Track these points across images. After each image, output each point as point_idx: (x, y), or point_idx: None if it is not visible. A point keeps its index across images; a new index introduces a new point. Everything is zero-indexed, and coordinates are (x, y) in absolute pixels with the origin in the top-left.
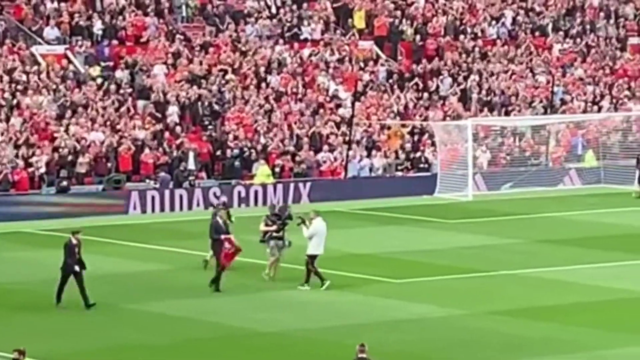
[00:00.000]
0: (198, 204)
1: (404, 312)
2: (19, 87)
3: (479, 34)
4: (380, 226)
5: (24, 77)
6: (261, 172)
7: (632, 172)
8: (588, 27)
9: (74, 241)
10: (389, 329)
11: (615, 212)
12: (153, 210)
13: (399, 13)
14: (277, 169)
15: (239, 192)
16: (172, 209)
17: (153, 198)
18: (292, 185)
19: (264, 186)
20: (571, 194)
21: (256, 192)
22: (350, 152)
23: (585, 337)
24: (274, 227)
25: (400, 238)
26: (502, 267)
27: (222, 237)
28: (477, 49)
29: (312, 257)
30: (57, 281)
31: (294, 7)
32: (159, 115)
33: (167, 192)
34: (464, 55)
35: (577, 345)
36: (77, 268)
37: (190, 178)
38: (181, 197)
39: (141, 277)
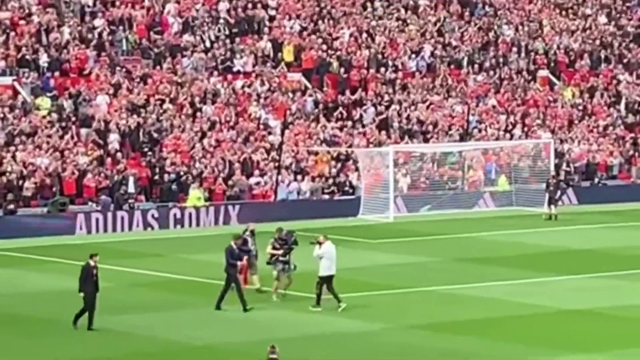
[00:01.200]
0: (137, 225)
1: (329, 326)
2: None
3: (400, 67)
4: (308, 245)
5: None
6: (192, 196)
7: (541, 195)
8: (501, 60)
9: (92, 263)
10: (313, 342)
11: (526, 233)
12: (97, 231)
13: (325, 47)
14: (210, 193)
15: (175, 214)
16: (114, 229)
17: (97, 220)
18: (222, 208)
19: (197, 209)
20: (486, 215)
21: (190, 214)
22: (280, 177)
23: (501, 350)
24: (280, 252)
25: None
26: (421, 284)
27: (238, 262)
28: (397, 81)
29: (323, 278)
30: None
31: (227, 41)
32: (100, 142)
33: (109, 214)
34: (385, 87)
35: (494, 358)
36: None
37: (130, 201)
38: (122, 218)
39: None
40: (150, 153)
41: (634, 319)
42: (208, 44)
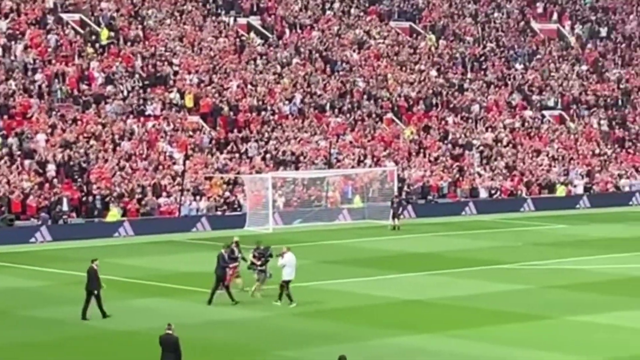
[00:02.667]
0: (72, 237)
1: (222, 314)
2: None
3: (276, 111)
4: (205, 251)
5: None
6: (112, 213)
7: (388, 210)
8: (355, 105)
9: (95, 267)
10: (213, 327)
11: (376, 240)
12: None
13: (217, 95)
14: (127, 210)
15: (99, 227)
16: (56, 239)
17: (41, 232)
18: (137, 222)
19: (119, 223)
20: (344, 227)
21: (112, 229)
22: (182, 197)
23: (359, 332)
24: (259, 263)
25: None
26: (296, 281)
27: (228, 266)
28: (274, 122)
29: (287, 282)
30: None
31: (141, 91)
32: (40, 170)
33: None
34: (265, 126)
35: (350, 337)
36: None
37: (64, 217)
38: (60, 231)
39: (30, 291)
40: (80, 179)
41: (460, 307)
42: (125, 93)
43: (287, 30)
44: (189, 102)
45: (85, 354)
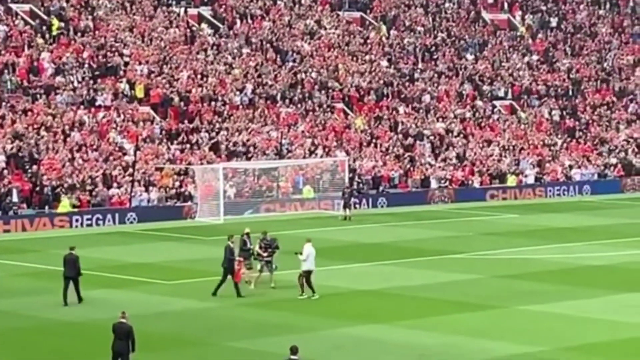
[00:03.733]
0: (22, 228)
1: (173, 305)
2: None
3: (227, 101)
4: (156, 242)
5: None
6: (63, 203)
7: (339, 201)
8: (307, 96)
9: (74, 254)
10: (164, 318)
11: (327, 230)
12: None
13: (168, 86)
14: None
15: (51, 219)
16: (6, 231)
17: None
18: (88, 214)
19: (70, 215)
20: (295, 217)
21: (62, 220)
22: (133, 188)
23: (308, 322)
24: (266, 254)
25: (170, 250)
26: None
27: (235, 259)
28: (225, 112)
29: (307, 272)
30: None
31: (91, 82)
32: None
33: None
34: (216, 117)
35: (301, 328)
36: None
37: (14, 208)
38: (10, 222)
39: None
40: (30, 170)
41: (411, 297)
42: (76, 84)
43: (238, 21)
44: (139, 92)
45: (34, 345)
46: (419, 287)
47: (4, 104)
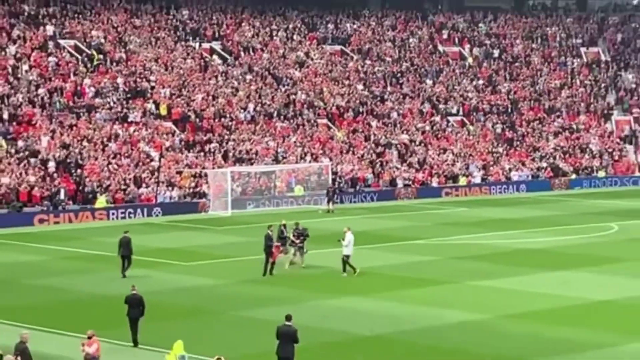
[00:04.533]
0: (69, 220)
1: (189, 282)
2: None
3: (234, 118)
4: (177, 231)
5: None
6: (100, 200)
7: (324, 197)
8: (298, 113)
9: (128, 236)
10: (177, 292)
11: (314, 221)
12: (41, 223)
13: (186, 106)
14: (114, 199)
15: (92, 213)
16: (56, 222)
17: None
18: (122, 209)
19: (107, 209)
20: (289, 210)
21: (101, 214)
22: (158, 188)
23: (299, 295)
24: (298, 241)
25: (188, 238)
26: (249, 254)
27: (273, 244)
28: (233, 126)
29: (347, 256)
30: None
31: (124, 102)
32: (43, 167)
33: (51, 214)
34: (225, 130)
35: (294, 300)
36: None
37: (63, 204)
38: (59, 215)
39: (33, 264)
40: (75, 174)
41: (383, 274)
42: (112, 104)
43: (242, 53)
44: (163, 111)
45: (78, 314)
46: (389, 267)
47: (54, 120)
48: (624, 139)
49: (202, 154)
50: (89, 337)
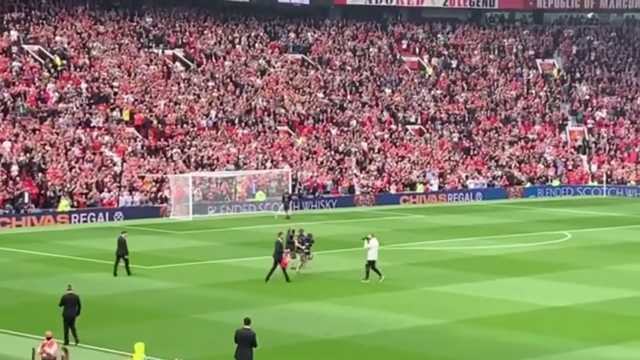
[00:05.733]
0: (31, 224)
1: (150, 285)
2: None
3: (196, 124)
4: (138, 235)
5: None
6: (62, 204)
7: (281, 203)
8: (259, 120)
9: (124, 237)
10: (139, 295)
11: (273, 227)
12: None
13: (148, 111)
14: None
15: (54, 216)
16: (18, 225)
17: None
18: (84, 212)
19: (69, 213)
20: (249, 216)
21: (63, 217)
22: (120, 192)
23: (259, 299)
24: (304, 247)
25: (149, 242)
26: (209, 259)
27: (284, 251)
28: (194, 132)
29: (371, 262)
30: None
31: (87, 107)
32: (6, 171)
33: (13, 217)
34: (187, 136)
35: (253, 304)
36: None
37: (25, 207)
38: (21, 219)
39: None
40: (38, 177)
41: (340, 279)
42: (75, 109)
43: (205, 60)
44: (126, 116)
45: (40, 315)
46: (347, 272)
47: (17, 124)
48: (578, 149)
49: (164, 159)
50: (48, 338)
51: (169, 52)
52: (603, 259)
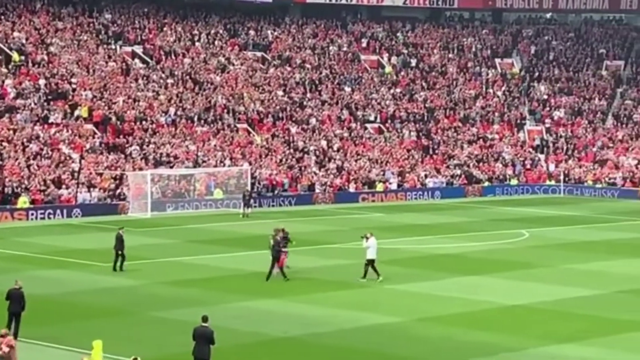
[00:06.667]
0: None
1: (107, 283)
2: None
3: (155, 121)
4: (96, 232)
5: None
6: (20, 200)
7: (241, 201)
8: (218, 117)
9: (121, 233)
10: (97, 292)
11: (232, 225)
12: None
13: (107, 108)
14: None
15: (12, 213)
16: None
17: None
18: (41, 209)
19: (27, 210)
20: (207, 214)
21: (20, 214)
22: (78, 189)
23: (216, 296)
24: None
25: (107, 239)
26: (167, 256)
27: (282, 250)
28: (153, 130)
29: (371, 260)
30: None
31: (45, 104)
32: None
33: None
34: (146, 133)
35: (210, 301)
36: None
37: None
38: None
39: None
40: None
41: (298, 277)
42: (33, 105)
43: (164, 57)
44: (84, 113)
45: None
46: (305, 270)
47: None
48: (536, 149)
49: (122, 156)
50: (3, 336)
51: (127, 48)
52: (560, 257)
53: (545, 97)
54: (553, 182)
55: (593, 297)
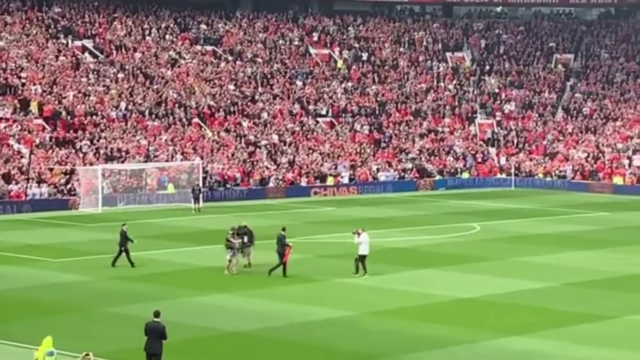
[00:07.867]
0: None
1: (59, 278)
2: None
3: (106, 116)
4: (47, 228)
5: None
6: None
7: (191, 196)
8: (169, 112)
9: (124, 229)
10: (49, 288)
11: (184, 219)
12: None
13: (57, 103)
14: None
15: None
16: None
17: None
18: None
19: None
20: (159, 209)
21: None
22: (28, 184)
23: (168, 291)
24: (238, 241)
25: (58, 235)
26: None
27: (288, 245)
28: (104, 124)
29: (362, 256)
30: None
31: None
32: None
33: None
34: (97, 128)
35: (163, 296)
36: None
37: None
38: None
39: None
40: None
41: (251, 272)
42: None
43: (115, 51)
44: (34, 108)
45: None
46: (259, 265)
47: None
48: (487, 142)
49: (73, 151)
50: None
51: (78, 43)
52: (511, 250)
53: (496, 90)
54: (504, 175)
55: (544, 290)
